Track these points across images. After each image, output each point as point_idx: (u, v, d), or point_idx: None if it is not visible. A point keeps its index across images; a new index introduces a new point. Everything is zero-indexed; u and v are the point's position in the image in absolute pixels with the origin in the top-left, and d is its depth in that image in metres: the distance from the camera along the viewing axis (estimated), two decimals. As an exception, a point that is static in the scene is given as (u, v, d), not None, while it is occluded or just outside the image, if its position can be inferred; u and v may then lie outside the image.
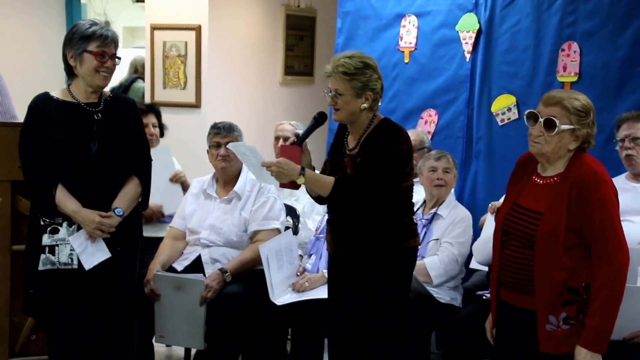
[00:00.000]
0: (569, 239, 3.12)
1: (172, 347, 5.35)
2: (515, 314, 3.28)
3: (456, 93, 5.28)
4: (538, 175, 3.30)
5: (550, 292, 3.13)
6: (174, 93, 6.59)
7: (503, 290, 3.34)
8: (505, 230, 3.30)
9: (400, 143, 3.59)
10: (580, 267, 3.13)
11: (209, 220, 4.59)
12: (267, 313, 4.33)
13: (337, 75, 3.57)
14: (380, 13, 5.56)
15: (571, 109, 3.16)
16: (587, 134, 3.20)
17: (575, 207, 3.12)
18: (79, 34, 3.79)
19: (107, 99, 3.94)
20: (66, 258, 3.80)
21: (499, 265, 3.34)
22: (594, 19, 4.83)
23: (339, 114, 3.64)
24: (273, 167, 3.56)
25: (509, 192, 3.41)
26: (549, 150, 3.20)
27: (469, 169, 5.23)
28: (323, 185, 3.59)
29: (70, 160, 3.78)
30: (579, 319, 3.13)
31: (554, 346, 3.15)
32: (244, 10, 6.82)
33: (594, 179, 3.13)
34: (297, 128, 5.42)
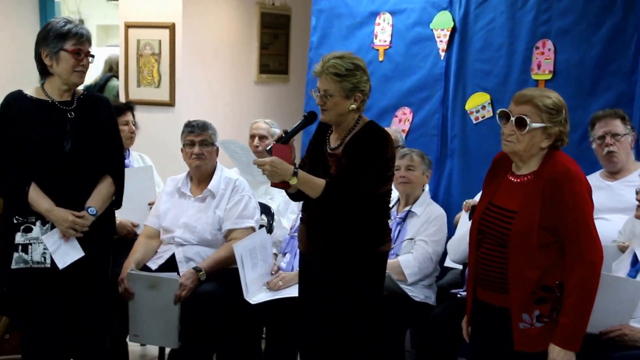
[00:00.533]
0: (543, 237, 3.12)
1: (146, 346, 5.32)
2: (491, 312, 3.29)
3: (431, 91, 5.29)
4: (512, 173, 3.30)
5: (524, 290, 3.13)
6: (148, 91, 6.55)
7: (479, 289, 3.34)
8: (480, 229, 3.30)
9: (385, 147, 3.59)
10: (554, 265, 3.13)
11: (183, 219, 4.57)
12: (242, 312, 4.32)
13: (328, 76, 3.55)
14: (354, 11, 5.56)
15: (542, 107, 3.16)
16: (559, 131, 3.20)
17: (549, 206, 3.12)
18: (54, 32, 3.77)
19: (81, 98, 3.92)
20: (39, 257, 3.78)
21: (474, 264, 3.34)
22: (568, 17, 4.85)
23: (327, 114, 3.61)
24: (266, 166, 3.48)
25: (485, 191, 3.42)
26: (521, 149, 3.20)
27: (443, 167, 5.24)
28: (314, 187, 3.55)
29: (43, 158, 3.76)
30: (553, 317, 3.14)
31: (528, 344, 3.15)
32: (218, 9, 6.80)
33: (568, 177, 3.13)
34: (273, 126, 5.41)
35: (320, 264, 3.68)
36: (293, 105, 7.19)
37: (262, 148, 5.27)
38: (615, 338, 3.54)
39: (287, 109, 7.22)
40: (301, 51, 6.95)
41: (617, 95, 4.72)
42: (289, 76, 7.45)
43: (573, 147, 4.65)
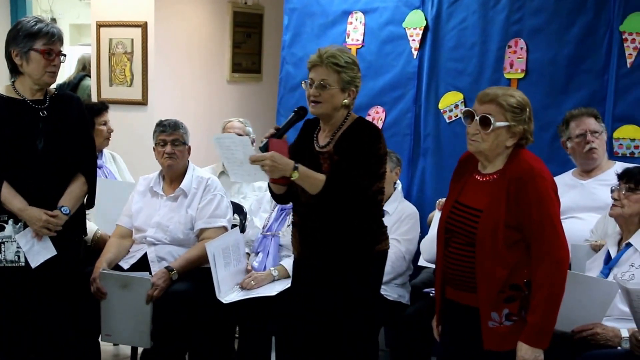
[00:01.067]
0: (509, 236, 3.13)
1: (119, 346, 5.30)
2: (460, 312, 3.29)
3: (403, 90, 5.28)
4: (479, 172, 3.31)
5: (492, 289, 3.14)
6: (120, 90, 6.52)
7: (448, 288, 3.35)
8: (447, 229, 3.31)
9: (378, 143, 3.56)
10: (522, 263, 3.15)
11: (156, 218, 4.54)
12: (214, 311, 4.30)
13: (328, 66, 3.51)
14: (326, 10, 5.54)
15: (506, 106, 3.18)
16: (523, 130, 3.21)
17: (514, 204, 3.13)
18: (24, 31, 3.75)
19: (53, 96, 3.91)
20: (13, 255, 3.78)
21: (443, 263, 3.35)
22: (541, 16, 4.86)
23: (321, 107, 3.55)
24: (267, 160, 3.37)
25: (451, 190, 3.43)
26: (486, 148, 3.21)
27: (416, 166, 5.24)
28: (315, 182, 3.47)
29: (16, 157, 3.75)
30: (522, 315, 3.15)
31: (498, 343, 3.16)
32: (190, 7, 6.77)
33: (532, 175, 3.14)
34: (246, 125, 5.39)
35: (315, 266, 3.63)
36: (266, 104, 7.17)
37: None
38: (588, 337, 3.55)
39: (260, 108, 7.21)
40: (274, 50, 6.94)
41: (589, 93, 4.74)
42: (262, 75, 7.43)
43: (545, 145, 4.73)
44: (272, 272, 4.41)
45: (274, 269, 4.43)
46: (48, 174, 3.82)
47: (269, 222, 4.66)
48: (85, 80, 7.63)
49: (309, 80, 3.58)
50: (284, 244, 4.52)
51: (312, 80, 3.56)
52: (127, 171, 5.37)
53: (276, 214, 4.67)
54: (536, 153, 4.66)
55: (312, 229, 3.61)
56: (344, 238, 3.55)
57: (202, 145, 5.81)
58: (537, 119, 4.71)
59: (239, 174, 3.54)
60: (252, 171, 3.45)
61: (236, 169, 3.51)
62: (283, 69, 5.73)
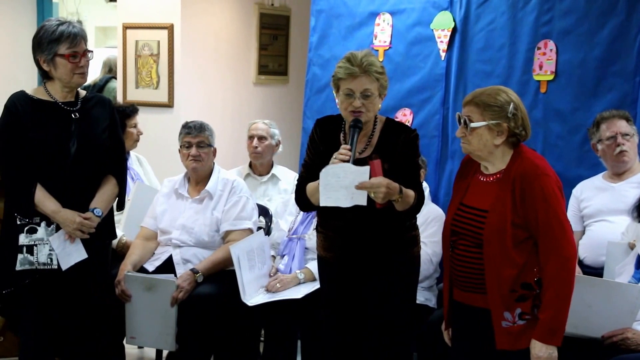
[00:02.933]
0: (517, 235, 3.13)
1: (143, 349, 5.30)
2: (470, 314, 3.29)
3: (431, 92, 5.24)
4: (482, 173, 3.31)
5: (502, 289, 3.14)
6: (146, 92, 6.53)
7: (456, 291, 3.35)
8: (454, 231, 3.31)
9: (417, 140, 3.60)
10: (531, 261, 3.15)
11: (181, 220, 4.53)
12: (239, 314, 4.28)
13: (370, 75, 3.47)
14: (354, 11, 5.52)
15: (482, 105, 3.18)
16: (510, 127, 3.18)
17: (519, 202, 3.13)
18: (46, 37, 3.76)
19: (84, 98, 3.92)
20: (45, 258, 3.78)
21: (450, 266, 3.35)
22: (571, 18, 4.82)
23: (365, 116, 3.50)
24: (383, 188, 3.31)
25: (455, 191, 3.43)
26: (473, 149, 3.23)
27: (444, 168, 5.20)
28: (409, 200, 3.47)
29: (49, 159, 3.77)
30: (534, 313, 3.15)
31: (511, 342, 3.16)
32: (217, 9, 6.77)
33: (536, 173, 3.14)
34: (271, 127, 5.37)
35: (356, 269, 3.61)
36: (292, 106, 7.16)
37: (262, 149, 5.23)
38: (618, 342, 3.53)
39: (287, 110, 7.20)
40: (300, 52, 6.92)
41: (620, 96, 4.68)
42: (288, 77, 7.42)
43: (575, 148, 4.70)
44: (297, 275, 4.39)
45: (300, 272, 4.41)
46: (80, 176, 3.83)
47: (295, 225, 4.64)
48: (111, 82, 7.65)
49: (346, 91, 3.50)
50: (309, 246, 4.50)
51: (351, 91, 3.48)
52: (153, 174, 5.37)
53: (302, 217, 4.65)
54: (566, 156, 4.69)
55: (360, 233, 3.57)
56: (385, 239, 3.55)
57: (228, 147, 5.83)
58: (567, 122, 4.75)
59: (332, 199, 3.40)
60: (350, 195, 3.36)
61: (331, 194, 3.39)
62: (309, 70, 5.71)
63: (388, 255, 3.56)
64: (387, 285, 3.57)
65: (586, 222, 4.43)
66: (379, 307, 3.59)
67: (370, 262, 3.58)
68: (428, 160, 4.86)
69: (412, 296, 3.69)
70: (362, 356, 3.70)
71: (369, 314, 3.62)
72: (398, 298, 3.59)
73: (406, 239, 3.62)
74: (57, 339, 3.89)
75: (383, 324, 3.60)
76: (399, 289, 3.59)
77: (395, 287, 3.58)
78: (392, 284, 3.57)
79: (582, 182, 4.52)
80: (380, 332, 3.61)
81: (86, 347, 3.96)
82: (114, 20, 7.29)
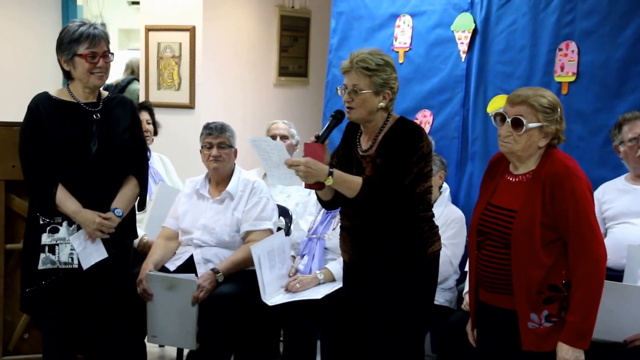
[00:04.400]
0: (545, 236, 3.11)
1: (164, 347, 5.32)
2: (495, 314, 3.27)
3: (451, 93, 5.23)
4: (510, 173, 3.30)
5: (529, 290, 3.12)
6: (168, 94, 6.56)
7: (482, 291, 3.33)
8: (480, 231, 3.29)
9: (421, 141, 3.50)
10: (560, 263, 3.12)
11: (202, 221, 4.55)
12: (259, 313, 4.30)
13: (358, 70, 3.48)
14: (374, 13, 5.52)
15: (538, 107, 3.16)
16: (555, 130, 3.19)
17: (549, 203, 3.11)
18: (67, 37, 3.79)
19: (106, 99, 3.95)
20: (66, 257, 3.81)
21: (476, 267, 3.32)
22: (593, 18, 4.77)
23: (355, 112, 3.52)
24: (301, 166, 3.37)
25: (482, 191, 3.40)
26: (518, 149, 3.20)
27: (464, 170, 5.18)
28: (351, 185, 3.44)
29: (70, 160, 3.79)
30: (561, 316, 3.13)
31: (537, 344, 3.14)
32: (238, 11, 6.79)
33: (567, 174, 3.12)
34: (291, 127, 5.39)
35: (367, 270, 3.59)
36: (312, 107, 7.17)
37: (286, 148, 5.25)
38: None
39: (307, 112, 7.21)
40: (321, 54, 6.94)
41: (643, 97, 4.66)
42: (309, 79, 7.44)
43: (597, 149, 4.66)
44: (317, 275, 4.40)
45: (320, 273, 4.41)
46: (101, 177, 3.85)
47: (315, 225, 4.65)
48: (133, 83, 7.69)
49: (344, 86, 3.55)
50: (329, 247, 4.51)
51: (345, 85, 3.53)
52: (175, 174, 5.40)
53: (322, 217, 4.65)
54: (588, 157, 4.67)
55: (361, 233, 3.58)
56: (393, 240, 3.51)
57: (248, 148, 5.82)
58: (589, 123, 4.72)
59: (275, 176, 3.52)
60: (289, 175, 3.44)
61: (273, 171, 3.50)
62: (330, 72, 5.71)
63: (396, 256, 3.53)
64: (391, 285, 3.53)
65: (608, 224, 4.40)
66: (380, 307, 3.56)
67: (378, 263, 3.56)
68: (448, 162, 4.85)
69: (419, 296, 3.60)
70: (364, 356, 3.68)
71: (370, 313, 3.60)
72: (402, 298, 3.54)
73: (414, 241, 3.55)
74: (79, 337, 3.91)
75: (384, 324, 3.56)
76: (404, 289, 3.53)
77: (400, 287, 3.53)
78: (397, 284, 3.53)
79: (604, 184, 4.49)
80: (381, 333, 3.58)
81: (106, 345, 3.98)
82: (136, 23, 7.33)
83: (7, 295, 4.24)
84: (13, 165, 4.00)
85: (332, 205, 3.70)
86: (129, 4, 10.12)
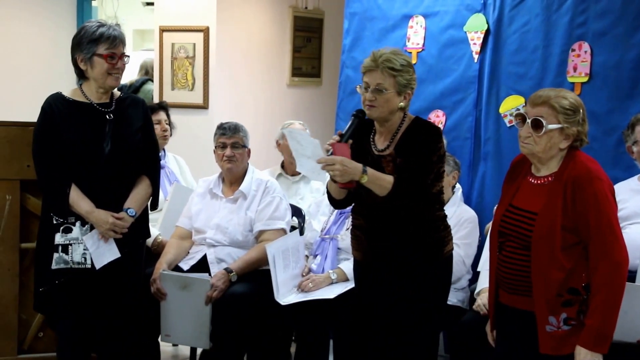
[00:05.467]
0: (566, 238, 3.09)
1: (178, 347, 5.35)
2: (515, 316, 3.26)
3: (464, 94, 5.24)
4: (532, 175, 3.28)
5: (549, 292, 3.10)
6: (182, 94, 6.59)
7: (502, 293, 3.32)
8: (501, 232, 3.28)
9: (440, 142, 3.53)
10: (579, 266, 3.10)
11: (215, 220, 4.57)
12: (272, 313, 4.32)
13: (384, 70, 3.48)
14: (387, 14, 5.53)
15: (558, 108, 3.14)
16: (577, 132, 3.17)
17: (570, 206, 3.09)
18: (87, 37, 3.81)
19: (118, 100, 3.96)
20: (80, 257, 3.82)
21: (496, 268, 3.31)
22: (606, 19, 4.77)
23: (376, 110, 3.52)
24: (337, 165, 3.35)
25: (504, 193, 3.39)
26: (539, 151, 3.17)
27: (477, 170, 5.19)
28: (383, 183, 3.43)
29: (83, 160, 3.80)
30: (580, 319, 3.10)
31: (555, 347, 3.12)
32: (251, 12, 6.82)
33: (589, 177, 3.10)
34: (306, 128, 5.40)
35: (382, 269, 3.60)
36: (325, 108, 7.18)
37: None
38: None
39: (320, 112, 7.22)
40: (334, 54, 6.95)
41: (656, 98, 4.65)
42: (322, 79, 7.45)
43: (610, 150, 4.65)
44: (330, 275, 4.41)
45: (333, 272, 4.42)
46: (114, 177, 3.86)
47: (328, 225, 4.66)
48: (147, 84, 7.72)
49: (364, 84, 3.55)
50: (342, 247, 4.52)
51: (367, 84, 3.53)
52: (189, 174, 5.42)
53: (335, 217, 4.67)
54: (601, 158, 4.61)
55: (379, 232, 3.58)
56: (411, 239, 3.52)
57: (262, 148, 5.86)
58: (602, 124, 4.71)
59: (305, 166, 3.51)
60: (317, 169, 3.43)
61: (303, 161, 3.49)
62: (343, 73, 5.73)
63: (413, 255, 3.53)
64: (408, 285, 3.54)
65: (621, 224, 4.33)
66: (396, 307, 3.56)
67: (394, 262, 3.56)
68: (461, 163, 4.86)
69: (435, 296, 3.62)
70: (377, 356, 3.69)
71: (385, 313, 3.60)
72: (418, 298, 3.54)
73: (430, 240, 3.57)
74: (92, 336, 3.93)
75: (400, 324, 3.57)
76: (420, 289, 3.54)
77: (416, 287, 3.54)
78: (413, 283, 3.54)
79: (617, 185, 4.46)
80: (398, 332, 3.59)
81: (119, 344, 3.99)
82: (150, 24, 7.36)
83: (22, 294, 4.26)
84: (28, 165, 4.02)
85: (343, 204, 3.71)
86: (143, 5, 10.16)
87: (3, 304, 4.23)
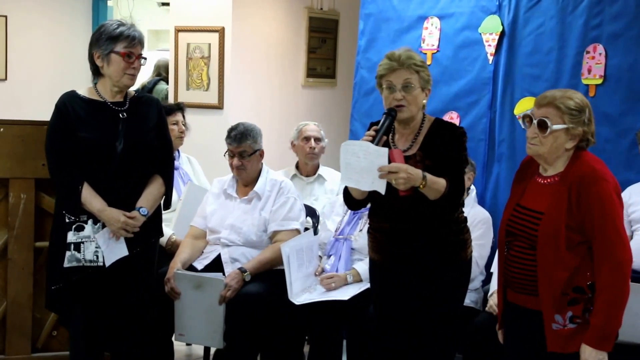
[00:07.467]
0: (571, 238, 3.11)
1: (192, 346, 5.36)
2: (522, 315, 3.28)
3: (478, 95, 5.23)
4: (540, 175, 3.29)
5: (554, 291, 3.12)
6: (197, 94, 6.62)
7: (509, 291, 3.34)
8: (509, 231, 3.30)
9: (465, 141, 3.56)
10: (585, 265, 3.12)
11: (229, 220, 4.59)
12: (286, 313, 4.33)
13: (410, 67, 3.48)
14: (402, 15, 5.53)
15: (563, 109, 3.15)
16: (583, 132, 3.18)
17: (575, 206, 3.11)
18: (106, 34, 3.82)
19: (132, 99, 3.96)
20: (92, 255, 3.83)
21: (504, 267, 3.33)
22: (620, 21, 4.76)
23: (407, 110, 3.50)
24: (402, 173, 3.26)
25: (513, 192, 3.41)
26: (545, 151, 3.19)
27: (491, 171, 5.18)
28: (439, 187, 3.39)
29: (96, 158, 3.81)
30: (585, 317, 3.13)
31: (562, 345, 3.14)
32: (267, 13, 6.84)
33: (594, 177, 3.11)
34: (321, 129, 5.41)
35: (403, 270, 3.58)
36: (340, 109, 7.20)
37: (319, 150, 5.29)
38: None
39: (334, 113, 7.24)
40: (349, 55, 6.96)
41: (670, 101, 4.64)
42: (337, 80, 7.47)
43: (624, 152, 4.65)
44: (347, 277, 4.41)
45: (349, 274, 4.43)
46: (127, 175, 3.86)
47: (342, 226, 4.67)
48: (160, 84, 7.77)
49: (387, 84, 3.53)
50: (356, 247, 4.53)
51: (391, 83, 3.51)
52: (203, 174, 5.44)
53: (348, 218, 4.67)
54: (614, 160, 4.65)
55: (405, 233, 3.55)
56: (437, 241, 3.53)
57: (276, 148, 5.87)
58: (615, 126, 4.70)
59: (353, 180, 3.39)
60: (370, 179, 3.32)
61: (352, 174, 3.36)
62: (358, 74, 5.73)
63: (433, 258, 3.53)
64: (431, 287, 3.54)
65: (634, 226, 4.39)
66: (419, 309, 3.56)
67: (414, 265, 3.56)
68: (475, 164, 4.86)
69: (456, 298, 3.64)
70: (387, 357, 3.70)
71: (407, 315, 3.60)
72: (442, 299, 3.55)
73: (453, 243, 3.57)
74: (105, 334, 3.94)
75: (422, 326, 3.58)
76: (444, 291, 3.55)
77: (440, 289, 3.54)
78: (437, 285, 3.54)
79: (630, 187, 4.49)
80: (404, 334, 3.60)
81: (132, 343, 4.00)
82: (166, 24, 7.41)
83: (36, 292, 4.26)
84: (43, 164, 4.01)
85: (360, 205, 3.71)
86: (159, 5, 10.20)
87: (17, 303, 4.24)
